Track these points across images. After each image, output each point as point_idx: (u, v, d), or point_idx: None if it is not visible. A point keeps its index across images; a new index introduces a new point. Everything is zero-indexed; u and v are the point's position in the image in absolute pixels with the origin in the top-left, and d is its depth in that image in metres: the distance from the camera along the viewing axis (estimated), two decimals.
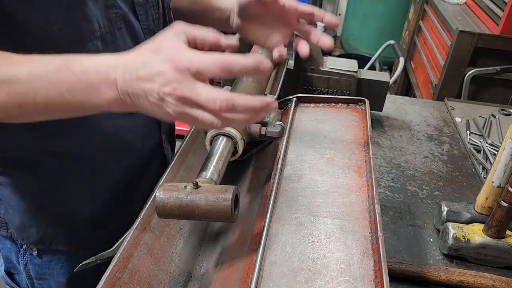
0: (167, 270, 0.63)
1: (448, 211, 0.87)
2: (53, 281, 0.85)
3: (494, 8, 1.92)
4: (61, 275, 0.84)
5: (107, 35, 0.68)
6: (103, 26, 0.67)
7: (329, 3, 4.47)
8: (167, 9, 0.82)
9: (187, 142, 0.81)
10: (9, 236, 0.81)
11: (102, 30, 0.67)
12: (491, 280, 0.77)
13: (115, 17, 0.68)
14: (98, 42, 0.66)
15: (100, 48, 0.67)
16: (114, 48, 0.69)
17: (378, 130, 1.25)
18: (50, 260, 0.83)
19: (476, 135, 1.25)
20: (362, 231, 0.62)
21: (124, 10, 0.70)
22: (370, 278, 0.54)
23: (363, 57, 3.30)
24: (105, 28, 0.67)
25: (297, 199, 0.68)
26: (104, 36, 0.67)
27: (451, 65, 1.89)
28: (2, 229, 0.81)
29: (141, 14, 0.74)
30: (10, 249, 0.84)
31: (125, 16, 0.70)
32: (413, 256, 0.84)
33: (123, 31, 0.70)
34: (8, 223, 0.80)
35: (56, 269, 0.84)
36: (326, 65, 1.16)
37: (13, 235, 0.80)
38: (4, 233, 0.81)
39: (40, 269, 0.83)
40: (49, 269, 0.84)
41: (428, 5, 2.42)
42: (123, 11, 0.69)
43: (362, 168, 0.75)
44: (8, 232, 0.80)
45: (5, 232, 0.81)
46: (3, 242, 0.84)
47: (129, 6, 0.71)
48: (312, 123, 0.88)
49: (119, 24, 0.69)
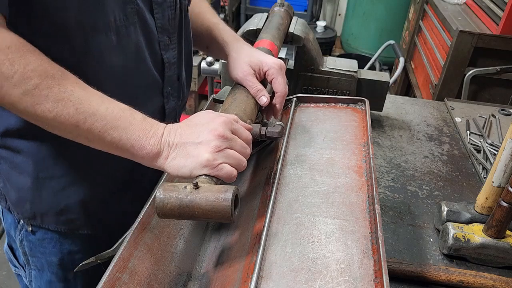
0: (167, 270, 0.63)
1: (448, 211, 0.87)
2: (45, 260, 0.86)
3: (494, 8, 1.92)
4: (53, 255, 0.85)
5: (122, 29, 0.69)
6: (118, 19, 0.68)
7: (329, 3, 4.47)
8: (184, 12, 0.84)
9: None
10: (7, 208, 0.83)
11: (117, 22, 0.68)
12: (491, 280, 0.77)
13: (131, 12, 0.69)
14: (113, 34, 0.68)
15: (113, 40, 0.68)
16: (127, 42, 0.71)
17: (378, 130, 1.25)
18: (43, 239, 0.84)
19: (476, 135, 1.25)
20: (362, 231, 0.62)
21: (141, 6, 0.71)
22: (370, 278, 0.54)
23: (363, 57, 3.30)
24: (120, 21, 0.68)
25: (297, 199, 0.68)
26: (118, 29, 0.68)
27: (451, 65, 1.89)
28: (2, 201, 0.84)
29: (157, 13, 0.75)
30: (11, 224, 0.86)
31: (141, 12, 0.71)
32: (413, 256, 0.84)
33: (137, 26, 0.72)
34: (6, 196, 0.82)
35: (48, 248, 0.85)
36: (326, 65, 1.16)
37: (11, 208, 0.82)
38: (4, 205, 0.84)
39: (33, 246, 0.85)
40: (41, 248, 0.85)
41: (428, 5, 2.42)
42: (139, 7, 0.71)
43: (362, 168, 0.75)
44: (7, 204, 0.83)
45: (4, 203, 0.84)
46: (6, 215, 0.86)
47: (146, 4, 0.73)
48: (312, 123, 0.88)
49: (134, 19, 0.71)
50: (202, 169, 0.60)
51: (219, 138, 0.61)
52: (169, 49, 0.81)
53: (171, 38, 0.80)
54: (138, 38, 0.73)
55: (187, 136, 0.63)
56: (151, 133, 0.62)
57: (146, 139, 0.61)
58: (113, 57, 0.70)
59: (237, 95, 0.79)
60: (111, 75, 0.71)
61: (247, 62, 0.84)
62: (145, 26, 0.74)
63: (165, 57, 0.80)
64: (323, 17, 4.50)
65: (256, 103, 0.81)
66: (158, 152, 0.62)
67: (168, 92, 0.84)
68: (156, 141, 0.62)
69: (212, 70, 1.98)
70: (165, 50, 0.80)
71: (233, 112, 0.73)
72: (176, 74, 0.84)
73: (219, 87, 2.45)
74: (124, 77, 0.73)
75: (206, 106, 0.94)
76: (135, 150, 0.62)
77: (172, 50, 0.82)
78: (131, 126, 0.61)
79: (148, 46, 0.76)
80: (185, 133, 0.63)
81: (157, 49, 0.78)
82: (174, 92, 0.85)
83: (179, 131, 0.63)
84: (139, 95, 0.78)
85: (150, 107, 0.80)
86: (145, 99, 0.79)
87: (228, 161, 0.61)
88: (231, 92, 0.82)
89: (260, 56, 0.85)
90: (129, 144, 0.61)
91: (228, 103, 0.77)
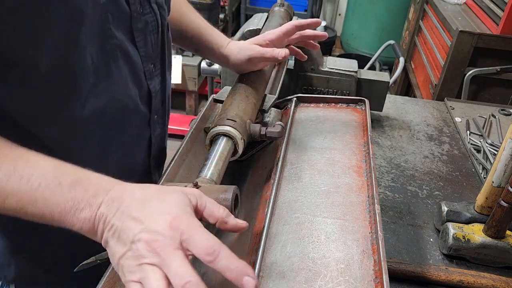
0: None
1: (448, 211, 0.87)
2: None
3: (494, 8, 1.92)
4: None
5: (102, 68, 0.61)
6: (96, 59, 0.60)
7: (329, 3, 4.47)
8: (166, 31, 0.77)
9: (187, 142, 0.81)
10: None
11: (95, 63, 0.60)
12: (491, 280, 0.77)
13: (111, 48, 0.62)
14: (90, 78, 0.60)
15: (92, 83, 0.61)
16: (110, 82, 0.64)
17: (378, 130, 1.25)
18: None
19: (476, 135, 1.25)
20: (362, 231, 0.62)
21: (121, 39, 0.64)
22: (370, 278, 0.54)
23: (363, 57, 3.30)
24: (99, 60, 0.61)
25: (297, 199, 0.68)
26: (97, 70, 0.61)
27: (451, 65, 1.89)
28: None
29: (139, 41, 0.68)
30: None
31: (122, 46, 0.64)
32: (413, 256, 0.84)
33: (119, 62, 0.64)
34: None
35: None
36: (326, 65, 1.16)
37: None
38: None
39: None
40: None
41: (428, 5, 2.42)
42: (119, 41, 0.63)
43: (362, 168, 0.75)
44: None
45: None
46: None
47: (126, 34, 0.65)
48: (312, 123, 0.88)
49: (115, 55, 0.63)
50: (121, 275, 0.46)
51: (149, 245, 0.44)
52: (154, 76, 0.74)
53: (155, 64, 0.74)
54: (121, 74, 0.66)
55: (129, 211, 0.47)
56: (81, 204, 0.48)
57: (75, 213, 0.48)
58: (93, 100, 0.62)
59: (237, 95, 0.79)
60: (93, 121, 0.63)
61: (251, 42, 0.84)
62: (128, 59, 0.67)
63: (151, 86, 0.74)
64: (323, 17, 4.50)
65: (256, 103, 0.80)
66: (92, 229, 0.48)
67: (155, 121, 0.79)
68: (88, 214, 0.48)
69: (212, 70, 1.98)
70: (150, 79, 0.73)
71: (233, 112, 0.73)
72: (160, 101, 0.79)
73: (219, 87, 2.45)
74: (110, 120, 0.66)
75: (206, 106, 0.94)
76: (66, 226, 0.49)
77: (157, 77, 0.76)
78: (54, 197, 0.49)
79: (133, 80, 0.69)
80: (131, 206, 0.48)
81: (143, 80, 0.72)
82: (159, 119, 0.80)
83: (126, 202, 0.48)
84: (126, 135, 0.72)
85: (136, 143, 0.76)
86: (133, 138, 0.74)
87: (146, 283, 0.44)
88: (231, 92, 0.82)
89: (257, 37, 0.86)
90: (55, 220, 0.49)
91: (228, 103, 0.77)
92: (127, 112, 0.69)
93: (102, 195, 0.49)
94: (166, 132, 0.87)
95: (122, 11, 0.63)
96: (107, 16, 0.60)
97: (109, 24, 0.60)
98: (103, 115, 0.64)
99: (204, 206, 0.51)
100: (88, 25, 0.57)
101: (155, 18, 0.71)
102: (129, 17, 0.65)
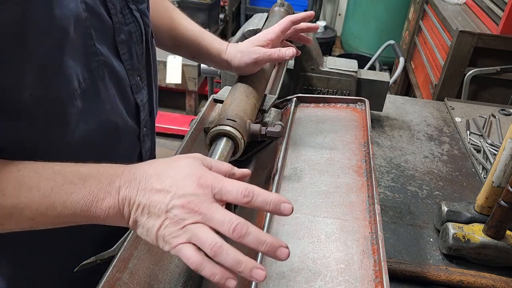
0: (167, 270, 0.63)
1: (448, 211, 0.87)
2: None
3: (494, 8, 1.92)
4: None
5: (89, 89, 0.58)
6: (83, 81, 0.57)
7: (329, 3, 4.47)
8: (150, 39, 0.74)
9: (187, 143, 0.81)
10: None
11: (82, 85, 0.57)
12: (491, 280, 0.77)
13: (96, 66, 0.59)
14: (78, 101, 0.57)
15: (79, 106, 0.57)
16: (97, 102, 0.61)
17: (378, 130, 1.25)
18: None
19: (476, 135, 1.25)
20: (362, 231, 0.62)
21: (106, 54, 0.60)
22: (370, 278, 0.54)
23: (363, 57, 3.30)
24: (86, 81, 0.57)
25: (297, 199, 0.68)
26: (84, 91, 0.57)
27: (451, 65, 1.89)
28: None
29: (124, 53, 0.65)
30: None
31: (108, 62, 0.61)
32: (413, 256, 0.84)
33: (105, 80, 0.61)
34: None
35: None
36: (326, 65, 1.16)
37: None
38: None
39: None
40: None
41: (428, 5, 2.42)
42: (104, 57, 0.60)
43: (362, 168, 0.75)
44: None
45: None
46: None
47: (110, 48, 0.62)
48: (312, 123, 0.88)
49: (101, 73, 0.60)
50: (163, 245, 0.48)
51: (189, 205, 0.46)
52: (140, 89, 0.71)
53: (142, 76, 0.71)
54: (109, 93, 0.63)
55: (151, 186, 0.48)
56: (101, 194, 0.48)
57: (97, 205, 0.48)
58: (83, 125, 0.59)
59: (237, 95, 0.79)
60: (83, 145, 0.61)
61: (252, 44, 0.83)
62: (114, 75, 0.63)
63: (139, 100, 0.71)
64: (323, 17, 4.50)
65: (256, 103, 0.80)
66: (119, 214, 0.49)
67: (144, 134, 0.76)
68: (111, 202, 0.48)
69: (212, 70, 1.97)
70: (137, 92, 0.70)
71: (233, 112, 0.73)
72: (148, 112, 0.76)
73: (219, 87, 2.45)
74: (100, 142, 0.64)
75: (206, 106, 0.94)
76: (91, 221, 0.50)
77: (144, 89, 0.73)
78: (71, 196, 0.48)
79: (120, 96, 0.66)
80: (150, 182, 0.49)
81: (130, 95, 0.69)
82: (148, 131, 0.78)
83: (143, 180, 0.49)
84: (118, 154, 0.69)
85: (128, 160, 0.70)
86: (125, 156, 0.72)
87: (197, 241, 0.46)
88: (231, 92, 0.82)
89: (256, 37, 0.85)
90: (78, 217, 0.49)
91: (228, 103, 0.77)
92: (117, 131, 0.67)
93: (116, 180, 0.49)
94: (154, 142, 0.85)
95: (104, 24, 0.60)
96: (90, 32, 0.57)
97: (92, 40, 0.57)
98: (93, 138, 0.62)
99: (210, 165, 0.53)
100: (72, 45, 0.53)
101: (138, 27, 0.68)
102: (111, 29, 0.62)
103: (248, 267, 0.45)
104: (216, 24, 3.58)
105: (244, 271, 0.44)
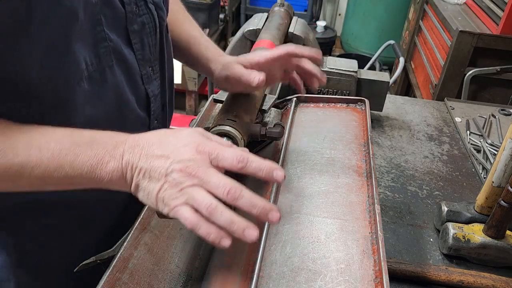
0: (167, 270, 0.63)
1: (448, 211, 0.87)
2: None
3: (494, 8, 1.92)
4: None
5: (96, 73, 0.59)
6: (90, 64, 0.58)
7: (329, 3, 4.47)
8: (165, 33, 0.74)
9: None
10: None
11: (89, 68, 0.58)
12: (491, 280, 0.77)
13: (104, 52, 0.59)
14: (85, 83, 0.58)
15: (86, 89, 0.58)
16: (105, 87, 0.61)
17: (378, 130, 1.25)
18: None
19: (476, 135, 1.25)
20: (362, 231, 0.62)
21: (116, 41, 0.61)
22: (370, 278, 0.54)
23: (363, 57, 3.30)
24: (93, 66, 0.58)
25: (297, 199, 0.68)
26: (91, 75, 0.58)
27: (451, 65, 1.89)
28: None
29: (135, 43, 0.66)
30: None
31: (117, 49, 0.62)
32: (413, 256, 0.84)
33: (114, 67, 0.62)
34: None
35: None
36: (326, 65, 1.16)
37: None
38: None
39: None
40: None
41: (428, 5, 2.42)
42: (114, 43, 0.61)
43: (362, 168, 0.75)
44: None
45: None
46: None
47: (121, 36, 0.63)
48: (312, 123, 0.88)
49: (110, 61, 0.61)
50: (162, 207, 0.50)
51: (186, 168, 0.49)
52: (152, 80, 0.72)
53: (154, 67, 0.72)
54: (117, 79, 0.63)
55: (152, 152, 0.51)
56: (106, 158, 0.51)
57: (102, 167, 0.51)
58: (89, 108, 0.60)
59: (237, 95, 0.79)
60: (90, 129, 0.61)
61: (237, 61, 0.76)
62: (124, 63, 0.64)
63: (150, 90, 0.72)
64: (323, 17, 4.50)
65: (256, 103, 0.80)
66: (122, 178, 0.51)
67: (155, 127, 0.76)
68: (115, 165, 0.51)
69: None
70: (148, 83, 0.71)
71: (233, 112, 0.73)
72: (160, 105, 0.77)
73: None
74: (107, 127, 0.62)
75: (206, 106, 0.94)
76: (95, 183, 0.52)
77: (156, 81, 0.73)
78: (77, 158, 0.51)
79: (129, 84, 0.67)
80: (152, 148, 0.51)
81: (140, 84, 0.69)
82: (159, 125, 0.78)
83: (146, 146, 0.52)
84: None
85: None
86: None
87: (194, 204, 0.48)
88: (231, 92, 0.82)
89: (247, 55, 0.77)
90: (84, 178, 0.51)
91: (228, 103, 0.77)
92: (125, 118, 0.68)
93: (121, 146, 0.52)
94: None
95: (116, 12, 0.60)
96: (100, 18, 0.57)
97: (101, 26, 0.58)
98: (100, 123, 0.61)
99: (211, 137, 0.55)
100: (80, 27, 0.54)
101: (152, 19, 0.68)
102: (124, 18, 0.62)
103: (241, 227, 0.47)
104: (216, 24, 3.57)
105: (237, 231, 0.47)
